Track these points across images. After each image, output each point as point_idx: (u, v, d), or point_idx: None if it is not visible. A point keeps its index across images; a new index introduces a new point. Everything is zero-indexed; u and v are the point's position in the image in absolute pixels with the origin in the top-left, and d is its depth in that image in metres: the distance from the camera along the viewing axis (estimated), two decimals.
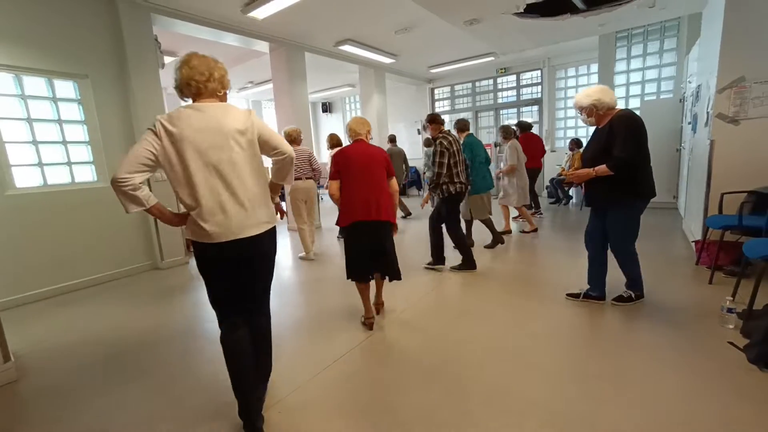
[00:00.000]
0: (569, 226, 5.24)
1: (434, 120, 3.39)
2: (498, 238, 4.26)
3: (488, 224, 4.21)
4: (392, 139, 6.63)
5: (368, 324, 2.43)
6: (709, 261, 3.08)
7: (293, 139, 4.09)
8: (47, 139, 3.52)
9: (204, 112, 1.43)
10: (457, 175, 3.29)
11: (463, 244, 3.44)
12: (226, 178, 1.44)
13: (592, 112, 2.40)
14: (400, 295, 2.97)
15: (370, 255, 2.36)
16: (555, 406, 1.62)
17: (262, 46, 5.46)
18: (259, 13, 4.43)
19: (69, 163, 3.66)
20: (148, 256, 4.16)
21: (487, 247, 4.23)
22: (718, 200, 3.09)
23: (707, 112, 3.44)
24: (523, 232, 4.93)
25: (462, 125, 4.03)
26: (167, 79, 7.15)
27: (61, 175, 3.63)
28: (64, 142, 3.62)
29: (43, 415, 1.79)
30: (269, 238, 1.59)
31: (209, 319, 2.79)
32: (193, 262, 4.45)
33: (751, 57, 3.03)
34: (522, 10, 4.43)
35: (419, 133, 9.04)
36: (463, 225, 3.89)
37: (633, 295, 2.59)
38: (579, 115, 2.52)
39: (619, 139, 2.25)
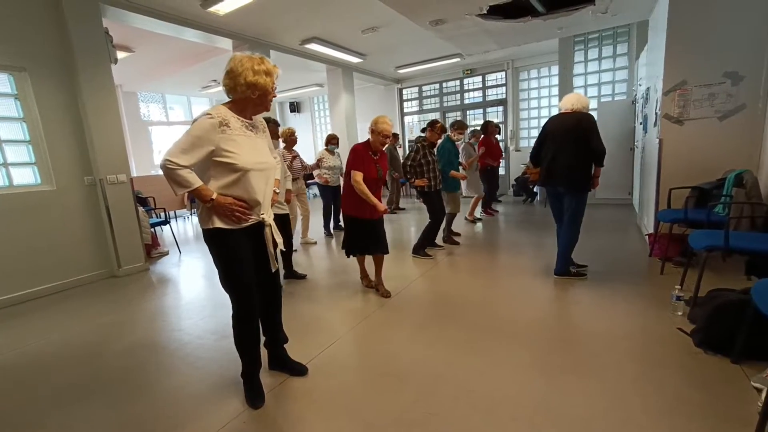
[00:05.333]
0: (535, 221, 5.44)
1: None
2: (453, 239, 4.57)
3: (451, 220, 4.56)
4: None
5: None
6: (660, 253, 3.28)
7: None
8: None
9: None
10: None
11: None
12: None
13: None
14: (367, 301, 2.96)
15: None
16: (522, 401, 1.65)
17: (225, 44, 5.27)
18: (220, 9, 4.27)
19: (5, 164, 3.36)
20: (103, 264, 3.90)
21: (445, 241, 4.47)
22: (667, 195, 3.30)
23: (656, 113, 3.67)
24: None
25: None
26: (122, 75, 6.75)
27: None
28: None
29: None
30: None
31: (170, 328, 2.65)
32: (153, 268, 4.25)
33: (692, 62, 3.26)
34: (485, 12, 4.54)
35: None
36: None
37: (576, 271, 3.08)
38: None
39: None
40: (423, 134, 3.93)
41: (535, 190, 7.07)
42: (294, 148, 4.41)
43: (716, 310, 1.92)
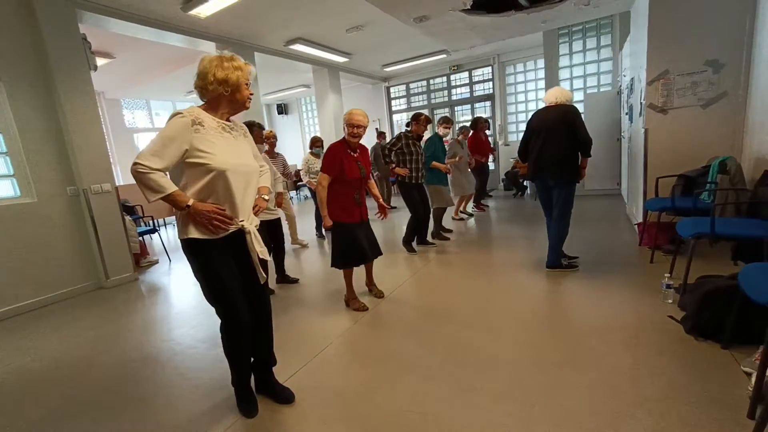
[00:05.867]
0: (525, 214, 5.46)
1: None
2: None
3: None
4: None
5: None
6: (650, 242, 3.31)
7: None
8: None
9: None
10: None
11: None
12: None
13: None
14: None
15: None
16: (519, 397, 1.65)
17: (209, 47, 5.19)
18: (202, 11, 4.20)
19: None
20: (90, 276, 3.82)
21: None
22: (654, 184, 3.33)
23: (641, 103, 3.70)
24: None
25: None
26: (104, 82, 6.59)
27: None
28: None
29: None
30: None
31: (161, 339, 2.61)
32: (142, 277, 4.17)
33: (673, 52, 3.29)
34: (468, 7, 4.53)
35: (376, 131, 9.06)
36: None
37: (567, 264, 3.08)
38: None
39: None
40: (408, 128, 3.88)
41: (525, 183, 7.11)
42: (276, 150, 4.36)
43: (705, 296, 1.94)
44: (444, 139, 4.45)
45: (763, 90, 2.85)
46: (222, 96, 1.50)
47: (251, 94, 1.58)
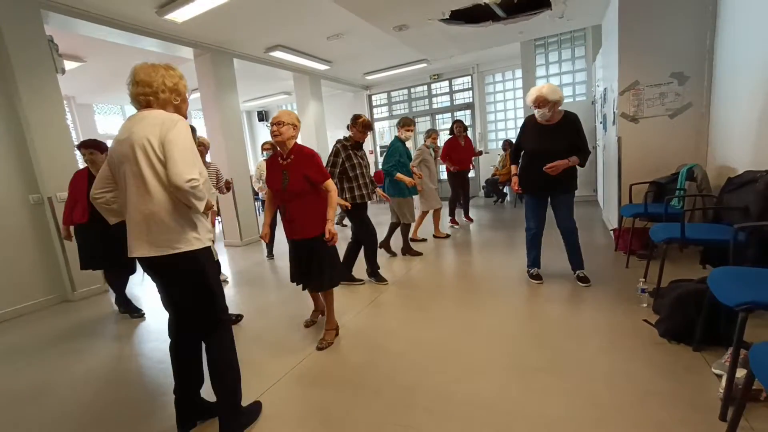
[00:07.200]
0: (506, 221, 5.53)
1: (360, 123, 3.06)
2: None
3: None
4: None
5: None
6: (625, 247, 3.39)
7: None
8: None
9: (126, 122, 1.41)
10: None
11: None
12: (130, 191, 1.39)
13: (554, 107, 2.63)
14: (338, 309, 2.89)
15: None
16: (499, 406, 1.63)
17: (186, 53, 5.07)
18: (178, 16, 4.10)
19: None
20: (55, 288, 3.62)
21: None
22: (628, 191, 3.43)
23: (613, 112, 3.82)
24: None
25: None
26: (75, 87, 6.29)
27: None
28: None
29: None
30: (178, 262, 1.41)
31: (130, 354, 2.48)
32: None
33: (642, 64, 3.43)
34: (447, 17, 4.61)
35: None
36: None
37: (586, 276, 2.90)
38: (536, 109, 2.68)
39: (582, 137, 2.75)
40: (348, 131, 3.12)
41: (504, 190, 7.22)
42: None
43: (677, 300, 1.98)
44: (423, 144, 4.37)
45: (724, 102, 2.99)
46: (171, 105, 1.47)
47: None
